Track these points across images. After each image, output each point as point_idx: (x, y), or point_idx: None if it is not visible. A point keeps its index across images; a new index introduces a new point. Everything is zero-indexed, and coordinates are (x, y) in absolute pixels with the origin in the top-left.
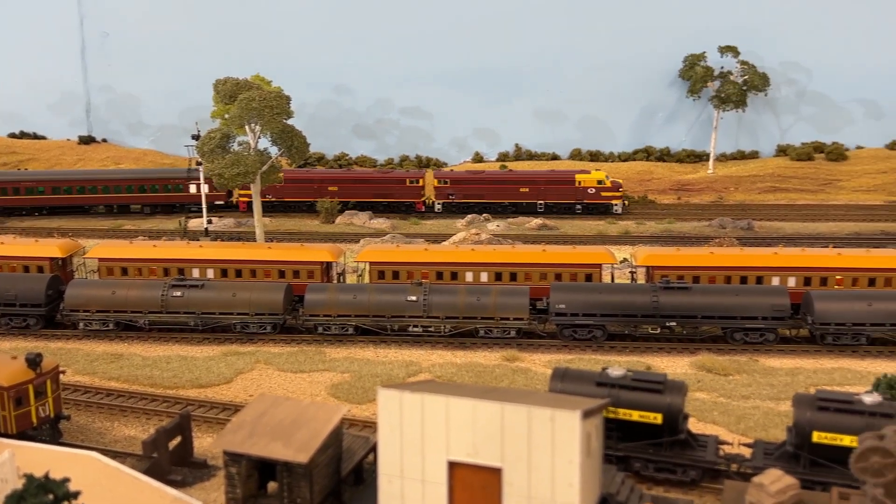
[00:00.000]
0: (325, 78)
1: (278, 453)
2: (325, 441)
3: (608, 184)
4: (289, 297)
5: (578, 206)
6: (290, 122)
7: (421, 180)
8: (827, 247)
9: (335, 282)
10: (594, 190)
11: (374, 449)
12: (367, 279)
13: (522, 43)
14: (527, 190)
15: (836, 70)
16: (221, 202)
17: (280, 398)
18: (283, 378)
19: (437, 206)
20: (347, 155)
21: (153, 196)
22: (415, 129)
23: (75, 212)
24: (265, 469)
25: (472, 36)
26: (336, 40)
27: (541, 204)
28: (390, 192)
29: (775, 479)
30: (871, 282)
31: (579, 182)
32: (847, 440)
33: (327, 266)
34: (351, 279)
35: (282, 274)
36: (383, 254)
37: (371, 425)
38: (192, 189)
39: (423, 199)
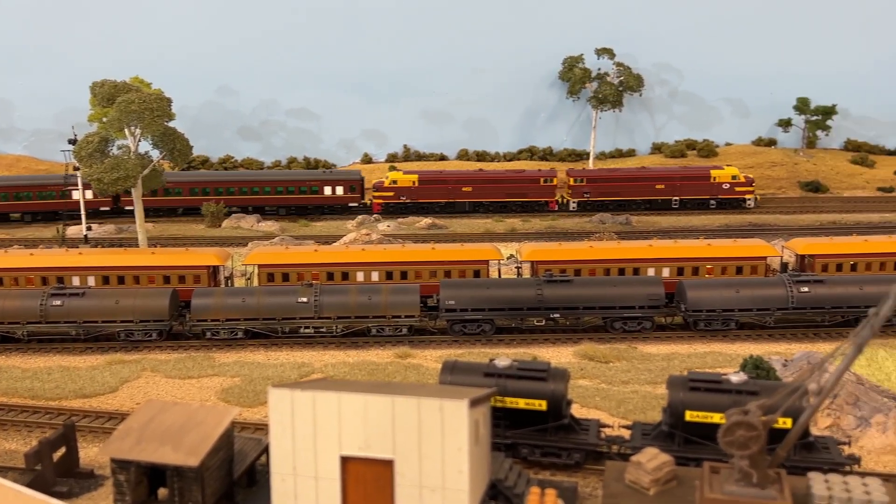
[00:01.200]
0: (208, 79)
1: (168, 458)
2: (216, 444)
3: (742, 179)
4: (174, 303)
5: (713, 202)
6: (171, 124)
7: (555, 179)
8: (698, 238)
9: (223, 286)
10: (728, 185)
11: (266, 450)
12: (255, 282)
13: (408, 44)
14: (662, 187)
15: (706, 71)
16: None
17: (168, 403)
18: (171, 385)
19: (573, 205)
20: (233, 157)
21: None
22: (302, 130)
23: None
24: (155, 475)
25: (358, 37)
26: (218, 41)
27: (675, 200)
28: (524, 191)
29: (652, 457)
30: (739, 270)
31: (714, 178)
32: (717, 418)
33: (214, 270)
34: (239, 283)
35: (167, 279)
36: (272, 256)
37: (263, 427)
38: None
39: (556, 198)
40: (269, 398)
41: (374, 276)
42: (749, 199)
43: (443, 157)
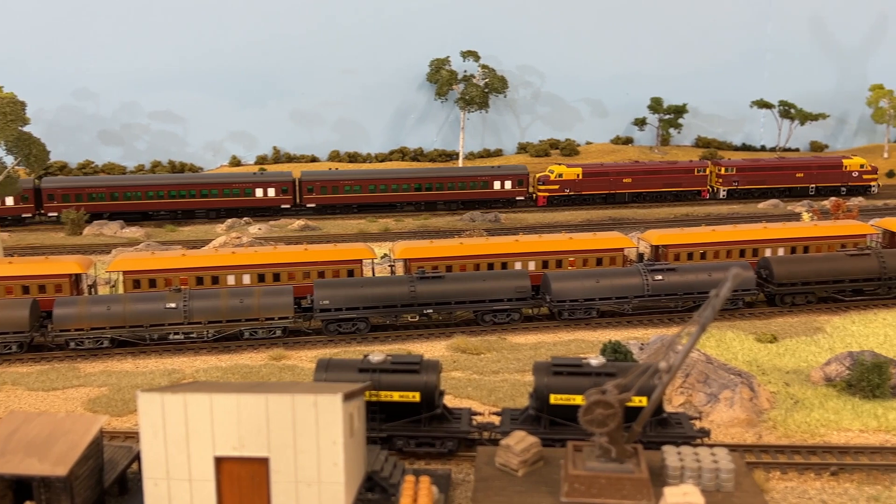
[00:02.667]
0: (64, 82)
1: (34, 469)
2: (85, 453)
3: (868, 167)
4: (35, 314)
5: (843, 188)
6: (26, 129)
7: (707, 169)
8: (561, 233)
9: (86, 294)
10: (857, 173)
11: (138, 457)
12: (121, 289)
13: (275, 45)
14: (801, 175)
15: (566, 73)
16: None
17: (32, 414)
18: (34, 397)
19: (722, 193)
20: (93, 162)
21: None
22: (166, 133)
23: None
24: (21, 488)
25: (223, 37)
26: (75, 42)
27: (812, 187)
28: (679, 181)
29: (519, 440)
30: (599, 261)
31: (846, 167)
32: (578, 399)
33: (76, 278)
34: (104, 291)
35: (26, 289)
36: (138, 262)
37: (134, 436)
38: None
39: (707, 187)
40: (138, 403)
41: (246, 279)
42: (873, 186)
43: (314, 159)
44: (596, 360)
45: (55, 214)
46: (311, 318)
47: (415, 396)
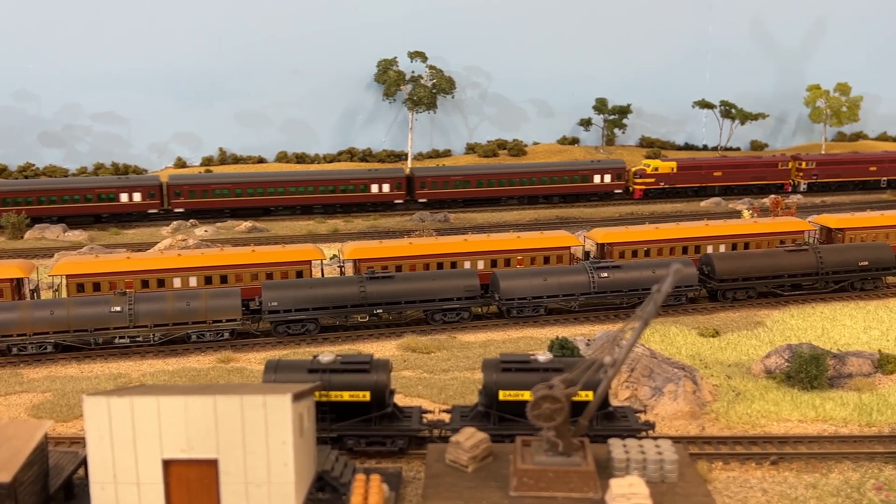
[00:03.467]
0: (3, 84)
1: None
2: (29, 458)
3: None
4: None
5: None
6: None
7: (790, 164)
8: (509, 232)
9: (28, 299)
10: None
11: (84, 463)
12: (64, 293)
13: (221, 45)
14: (875, 168)
15: (512, 74)
16: None
17: None
18: None
19: (803, 186)
20: (34, 165)
21: None
22: (110, 135)
23: None
24: None
25: (167, 37)
26: (13, 42)
27: (884, 181)
28: (764, 175)
29: (469, 436)
30: (546, 260)
31: None
32: (526, 395)
33: (18, 283)
34: (47, 295)
35: None
36: (81, 265)
37: (80, 441)
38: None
39: (789, 181)
40: (83, 407)
41: (193, 282)
42: None
43: (261, 160)
44: (543, 356)
45: None
46: (260, 319)
47: (365, 396)
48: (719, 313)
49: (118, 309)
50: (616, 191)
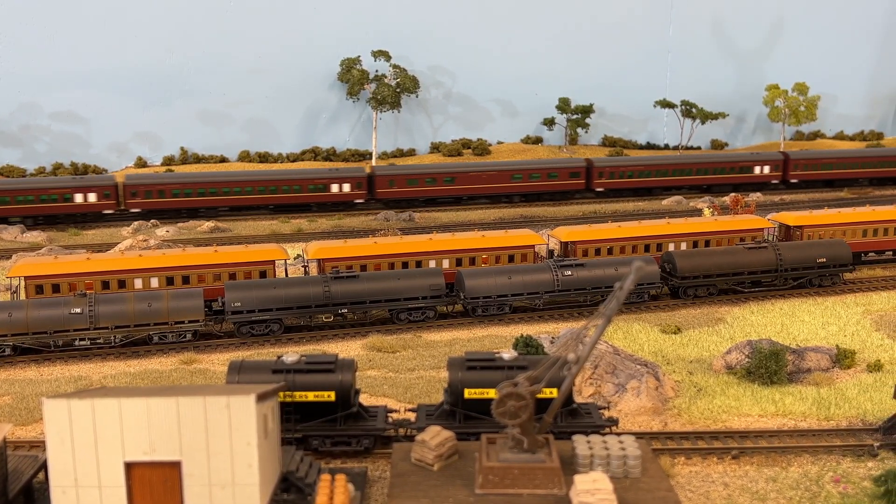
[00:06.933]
0: None
1: None
2: None
3: None
4: None
5: None
6: None
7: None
8: (474, 231)
9: None
10: None
11: (44, 466)
12: (23, 295)
13: (181, 43)
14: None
15: (476, 73)
16: None
17: None
18: None
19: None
20: None
21: None
22: (68, 134)
23: None
24: None
25: (126, 35)
26: None
27: None
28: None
29: (434, 435)
30: (511, 258)
31: None
32: (492, 393)
33: None
34: (5, 297)
35: None
36: (40, 266)
37: (40, 445)
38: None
39: None
40: (43, 410)
41: (154, 283)
42: None
43: (223, 160)
44: (508, 354)
45: None
46: (223, 320)
47: (330, 396)
48: (681, 310)
49: (78, 310)
50: (773, 181)
